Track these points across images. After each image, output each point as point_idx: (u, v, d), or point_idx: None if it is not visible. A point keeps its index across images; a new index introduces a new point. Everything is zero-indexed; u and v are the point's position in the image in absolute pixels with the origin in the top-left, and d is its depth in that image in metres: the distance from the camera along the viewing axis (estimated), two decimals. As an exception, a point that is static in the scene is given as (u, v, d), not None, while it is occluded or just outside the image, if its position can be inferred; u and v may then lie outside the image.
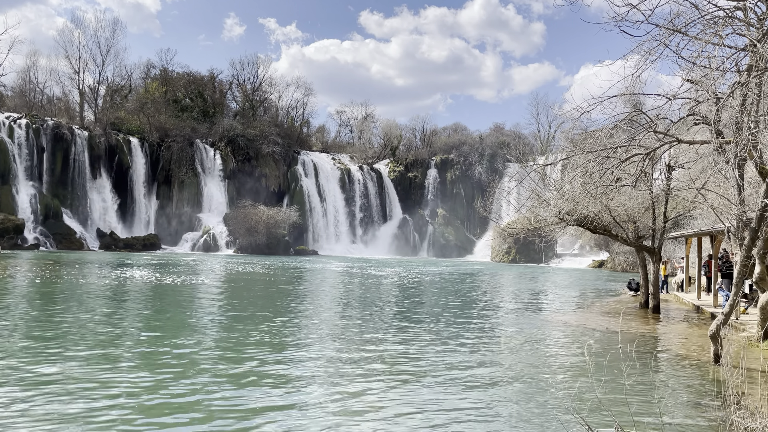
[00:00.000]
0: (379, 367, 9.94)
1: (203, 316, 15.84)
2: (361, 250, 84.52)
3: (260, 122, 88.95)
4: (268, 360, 10.23)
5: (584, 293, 29.23)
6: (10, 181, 62.77)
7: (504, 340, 13.63)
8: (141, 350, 10.75)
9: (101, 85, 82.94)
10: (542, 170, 19.91)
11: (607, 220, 19.65)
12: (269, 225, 71.71)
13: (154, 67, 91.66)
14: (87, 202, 69.43)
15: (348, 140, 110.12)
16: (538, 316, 18.72)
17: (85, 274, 28.88)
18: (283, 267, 42.51)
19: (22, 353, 10.04)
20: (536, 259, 73.28)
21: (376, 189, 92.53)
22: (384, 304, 20.46)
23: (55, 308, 16.13)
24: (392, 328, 14.32)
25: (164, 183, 76.36)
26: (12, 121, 66.53)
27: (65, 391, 7.80)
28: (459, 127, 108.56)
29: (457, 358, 10.86)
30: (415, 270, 44.80)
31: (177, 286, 23.94)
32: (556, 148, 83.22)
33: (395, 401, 7.89)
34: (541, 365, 10.69)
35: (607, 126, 13.17)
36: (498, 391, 8.62)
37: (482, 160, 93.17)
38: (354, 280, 31.39)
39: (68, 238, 62.41)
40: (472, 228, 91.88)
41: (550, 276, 45.70)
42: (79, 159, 69.78)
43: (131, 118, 78.68)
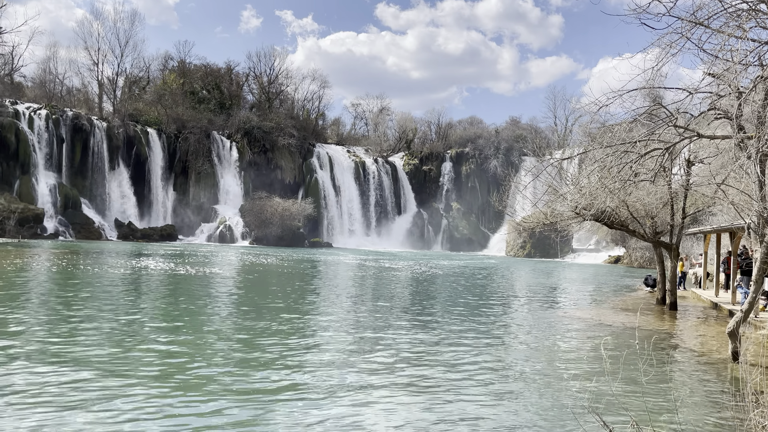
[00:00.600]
0: (392, 361, 9.96)
1: (219, 306, 15.98)
2: (375, 243, 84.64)
3: (276, 114, 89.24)
4: (282, 351, 10.29)
5: (600, 289, 29.02)
6: (30, 171, 63.66)
7: (519, 335, 13.59)
8: (157, 337, 10.88)
9: (120, 76, 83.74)
10: (559, 164, 19.74)
11: (625, 215, 19.46)
12: (284, 217, 72.07)
13: (171, 58, 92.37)
14: (105, 192, 70.25)
15: (363, 133, 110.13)
16: (554, 311, 18.63)
17: (105, 263, 29.26)
18: (297, 259, 42.72)
19: (45, 339, 10.21)
20: (551, 254, 72.86)
21: (391, 182, 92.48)
22: (397, 297, 20.49)
23: (75, 296, 16.37)
24: (405, 323, 14.34)
25: (181, 174, 77.02)
26: (32, 111, 67.40)
27: (81, 379, 7.92)
28: (475, 120, 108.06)
29: (472, 353, 10.85)
30: (429, 263, 44.77)
31: (194, 277, 24.17)
32: (574, 142, 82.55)
33: (408, 396, 7.91)
34: (556, 361, 10.64)
35: (627, 120, 13.02)
36: (512, 386, 8.60)
37: (498, 153, 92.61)
38: (368, 273, 31.45)
39: (87, 227, 63.23)
40: (487, 222, 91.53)
41: (566, 271, 45.43)
42: (98, 150, 70.57)
43: (149, 110, 79.34)
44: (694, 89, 11.93)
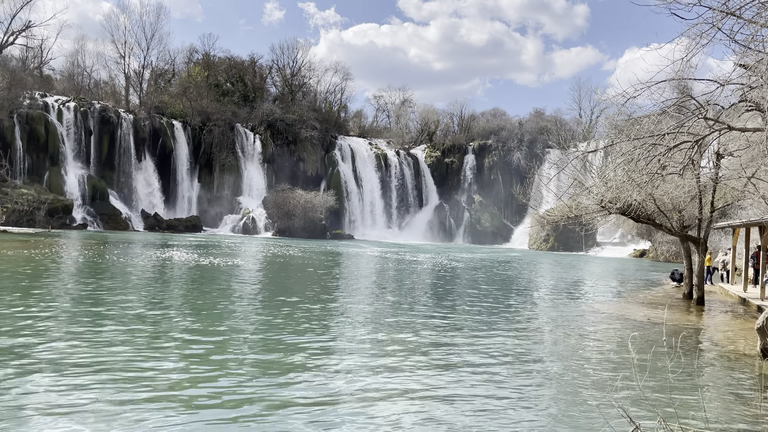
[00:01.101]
0: (414, 354, 10.01)
1: (242, 295, 16.19)
2: (397, 236, 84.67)
3: (299, 107, 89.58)
4: (304, 342, 10.40)
5: (625, 283, 28.70)
6: (59, 162, 64.97)
7: (542, 329, 13.54)
8: (183, 326, 11.07)
9: (146, 69, 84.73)
10: (584, 157, 19.52)
11: (652, 209, 19.18)
12: (306, 209, 72.49)
13: (196, 51, 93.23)
14: (132, 183, 71.41)
15: (385, 125, 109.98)
16: (577, 305, 18.49)
17: (133, 253, 29.79)
18: (319, 251, 42.98)
19: (73, 326, 10.47)
20: (575, 248, 72.14)
21: (413, 174, 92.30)
22: (419, 290, 20.53)
23: (105, 285, 16.72)
24: (427, 316, 14.37)
25: (206, 166, 77.90)
26: (61, 104, 68.69)
27: (104, 368, 8.12)
28: (498, 112, 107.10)
29: (494, 347, 10.85)
30: (450, 256, 44.70)
31: (219, 267, 24.50)
32: (599, 134, 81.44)
33: (430, 389, 7.95)
34: (581, 356, 10.59)
35: (655, 112, 12.82)
36: (537, 381, 8.59)
37: (521, 146, 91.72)
38: (389, 265, 31.53)
39: (114, 218, 64.38)
40: (510, 215, 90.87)
41: (590, 265, 44.98)
42: (125, 142, 71.70)
43: (174, 102, 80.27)
44: (724, 80, 11.69)
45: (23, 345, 9.03)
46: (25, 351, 8.69)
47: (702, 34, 10.79)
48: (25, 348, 8.86)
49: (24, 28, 52.95)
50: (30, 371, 7.68)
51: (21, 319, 11.02)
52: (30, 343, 9.20)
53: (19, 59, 75.73)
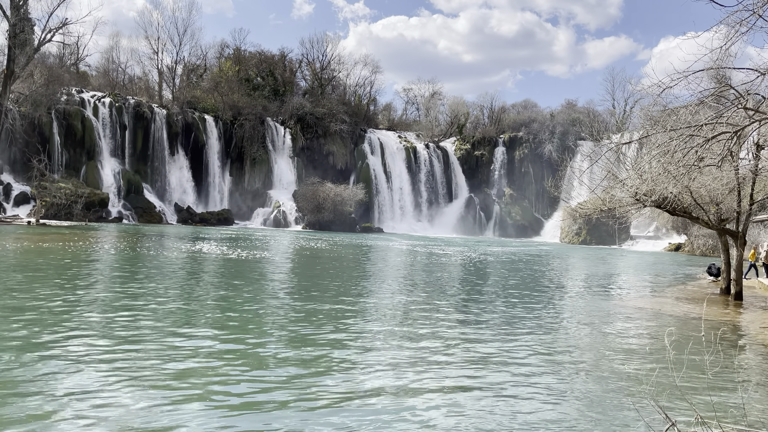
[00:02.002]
0: (444, 348, 9.98)
1: (274, 289, 16.36)
2: (426, 229, 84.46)
3: (328, 100, 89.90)
4: (335, 336, 10.47)
5: (660, 278, 28.12)
6: (95, 157, 66.55)
7: (576, 324, 13.36)
8: (215, 318, 11.25)
9: (178, 64, 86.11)
10: (618, 149, 19.14)
11: (688, 201, 18.71)
12: (336, 202, 72.82)
13: (227, 46, 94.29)
14: (165, 177, 72.74)
15: (414, 118, 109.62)
16: (612, 300, 18.20)
17: (166, 246, 30.38)
18: (349, 244, 43.16)
19: (113, 312, 10.73)
20: (608, 241, 70.95)
21: (442, 167, 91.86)
22: (449, 284, 20.45)
23: (138, 277, 17.10)
24: (457, 310, 14.32)
25: (237, 160, 78.87)
26: (97, 99, 70.28)
27: (137, 357, 8.30)
28: (529, 103, 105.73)
29: (526, 342, 10.75)
30: (480, 250, 44.41)
31: (250, 260, 24.81)
32: (633, 125, 79.75)
33: (462, 384, 7.92)
34: (615, 351, 10.43)
35: (692, 102, 12.48)
36: (570, 376, 8.49)
37: (553, 138, 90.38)
38: (419, 259, 31.49)
39: (148, 211, 65.72)
40: (541, 208, 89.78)
41: (624, 259, 44.19)
42: (158, 136, 73.04)
43: (206, 97, 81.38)
44: (765, 69, 11.32)
45: (56, 337, 9.29)
46: (59, 342, 8.94)
47: (742, 21, 10.46)
48: (59, 339, 9.12)
49: (61, 26, 54.11)
50: (63, 362, 7.90)
51: (57, 311, 11.34)
52: (63, 334, 9.46)
53: (56, 56, 77.66)
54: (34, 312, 10.94)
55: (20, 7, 51.67)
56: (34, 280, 15.30)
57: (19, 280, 15.24)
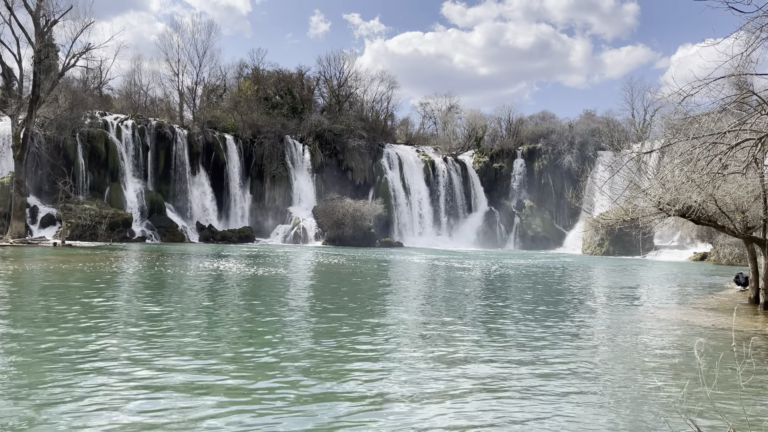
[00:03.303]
0: (464, 361, 9.91)
1: (297, 305, 16.42)
2: (446, 242, 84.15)
3: (346, 117, 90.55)
4: (356, 353, 10.46)
5: (686, 288, 27.63)
6: (118, 178, 67.70)
7: (600, 335, 13.18)
8: (237, 331, 11.33)
9: (198, 85, 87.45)
10: (640, 158, 18.95)
11: (713, 210, 18.42)
12: (355, 217, 72.97)
13: (246, 66, 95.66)
14: (187, 196, 73.66)
15: (432, 132, 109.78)
16: (637, 311, 17.92)
17: (189, 264, 30.70)
18: (369, 259, 43.18)
19: (132, 334, 10.87)
20: (631, 252, 69.97)
21: (461, 180, 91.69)
22: (471, 298, 20.34)
23: (163, 293, 17.30)
24: (480, 324, 14.22)
25: (257, 178, 79.64)
26: (120, 122, 71.66)
27: (161, 375, 8.37)
28: (547, 115, 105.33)
29: (551, 354, 10.63)
30: (501, 262, 44.11)
31: (272, 276, 24.94)
32: (654, 134, 78.91)
33: (485, 399, 7.86)
34: (642, 362, 10.26)
35: (714, 109, 12.37)
36: (597, 389, 8.37)
37: (572, 148, 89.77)
38: (439, 273, 31.37)
39: (171, 230, 66.50)
40: (562, 219, 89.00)
41: (648, 269, 43.53)
42: (180, 156, 74.13)
43: (226, 117, 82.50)
44: (789, 74, 11.20)
45: (82, 353, 9.43)
46: (86, 359, 9.07)
47: (762, 27, 10.39)
48: (85, 356, 9.25)
49: (84, 51, 55.48)
50: (90, 377, 8.01)
51: (83, 329, 11.51)
52: (90, 348, 9.59)
53: (80, 80, 79.49)
54: (60, 329, 11.12)
55: (45, 34, 53.11)
56: (61, 299, 15.56)
57: (46, 299, 15.51)
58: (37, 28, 51.79)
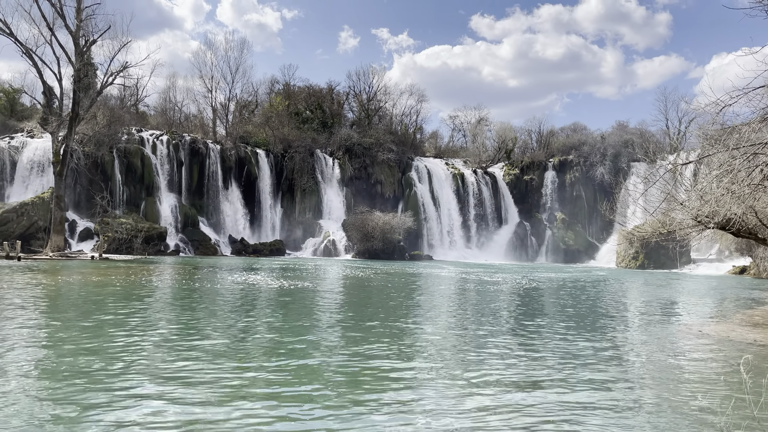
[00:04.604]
0: (496, 380, 9.78)
1: (326, 318, 16.46)
2: (476, 255, 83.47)
3: (375, 130, 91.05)
4: (382, 365, 10.42)
5: (726, 302, 26.85)
6: (154, 193, 69.20)
7: (638, 352, 12.88)
8: (265, 345, 11.40)
9: (231, 101, 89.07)
10: (678, 169, 18.57)
11: (753, 222, 17.91)
12: (385, 230, 73.00)
13: (277, 82, 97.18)
14: (220, 210, 74.86)
15: (461, 145, 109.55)
16: (674, 326, 17.47)
17: (222, 277, 31.10)
18: (398, 272, 43.10)
19: (165, 345, 11.04)
20: (667, 265, 68.30)
21: (491, 193, 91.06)
22: (501, 312, 20.11)
23: (198, 304, 17.54)
24: (513, 340, 14.03)
25: (288, 192, 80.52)
26: (155, 138, 73.41)
27: (189, 384, 8.46)
28: (578, 126, 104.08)
29: (587, 371, 10.42)
30: (533, 276, 43.55)
31: (304, 289, 25.09)
32: (689, 145, 77.31)
33: (519, 418, 7.73)
34: (683, 380, 9.98)
35: (754, 119, 12.08)
36: (637, 405, 8.17)
37: (604, 160, 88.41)
38: (469, 286, 31.12)
39: (204, 244, 67.55)
40: (595, 232, 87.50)
41: (684, 283, 42.44)
42: (213, 171, 75.48)
43: (258, 132, 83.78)
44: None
45: (117, 366, 9.60)
46: (120, 372, 9.24)
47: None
48: (120, 369, 9.42)
49: (122, 69, 57.09)
50: (120, 392, 8.15)
51: (120, 339, 11.73)
52: (126, 359, 9.77)
53: (117, 98, 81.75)
54: (97, 339, 11.36)
55: (84, 54, 54.88)
56: (98, 310, 15.91)
57: (84, 311, 15.88)
58: (77, 47, 53.54)
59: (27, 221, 55.70)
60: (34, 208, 56.60)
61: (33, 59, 52.36)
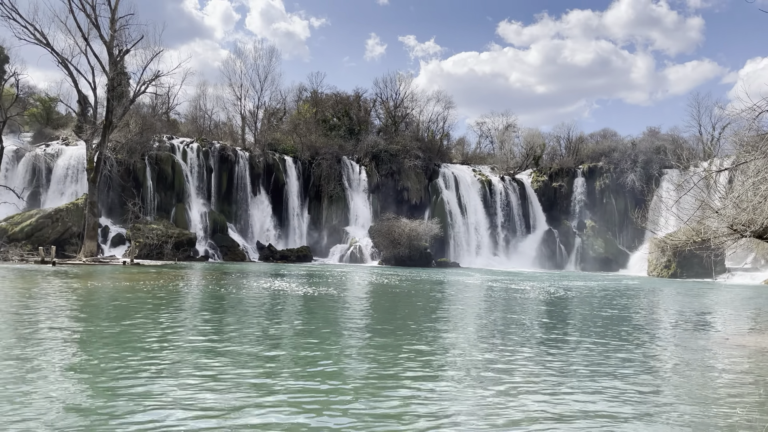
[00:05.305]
0: (526, 392, 9.63)
1: (351, 324, 16.45)
2: (504, 263, 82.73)
3: (402, 137, 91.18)
4: (408, 375, 10.34)
5: (761, 313, 26.06)
6: (184, 199, 70.35)
7: (673, 364, 12.56)
8: (293, 352, 11.43)
9: (260, 109, 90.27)
10: (711, 176, 18.12)
11: (792, 230, 17.34)
12: (411, 237, 72.89)
13: (305, 89, 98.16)
14: (248, 217, 75.74)
15: (488, 151, 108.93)
16: (709, 337, 17.01)
17: (250, 283, 31.39)
18: (425, 279, 42.94)
19: (195, 348, 11.15)
20: (701, 274, 66.68)
21: (519, 200, 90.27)
22: (529, 321, 19.85)
23: (227, 310, 17.71)
24: (538, 350, 13.82)
25: (315, 198, 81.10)
26: (186, 145, 74.69)
27: (219, 389, 8.50)
28: (608, 132, 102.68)
29: (619, 384, 10.19)
30: (562, 284, 42.94)
31: (331, 296, 25.15)
32: (724, 151, 75.54)
33: (548, 424, 7.59)
34: (720, 393, 9.69)
35: (794, 126, 11.71)
36: (671, 420, 7.95)
37: (635, 167, 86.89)
38: (497, 295, 30.82)
39: (233, 250, 68.35)
40: (626, 240, 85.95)
41: (719, 293, 41.36)
42: (242, 177, 76.47)
43: (286, 139, 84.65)
44: None
45: (147, 371, 9.71)
46: (149, 377, 9.34)
47: None
48: (151, 374, 9.52)
49: (154, 78, 58.33)
50: (148, 398, 8.23)
51: (151, 342, 11.89)
52: (153, 365, 9.88)
53: (149, 106, 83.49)
54: (129, 343, 11.53)
55: (118, 63, 56.21)
56: (130, 314, 16.17)
57: (116, 315, 16.16)
58: (111, 57, 54.86)
59: (62, 227, 57.12)
60: (69, 214, 58.02)
61: (69, 69, 53.86)
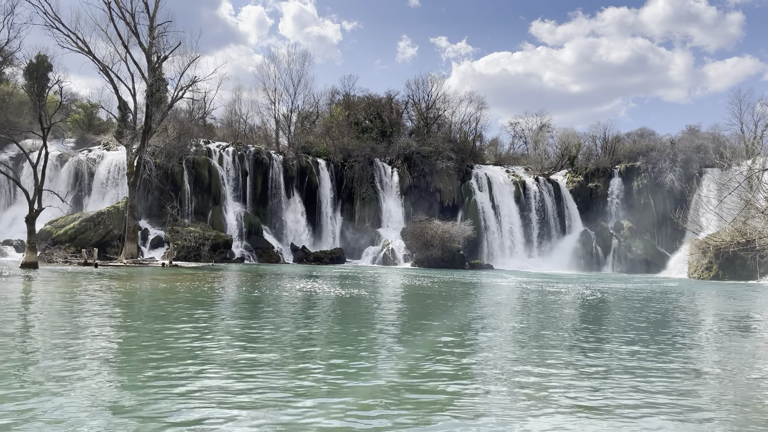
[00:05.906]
0: (561, 401, 9.52)
1: (383, 326, 16.50)
2: (538, 265, 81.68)
3: (434, 139, 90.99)
4: (439, 380, 10.33)
5: (811, 316, 25.12)
6: (220, 202, 71.61)
7: (716, 370, 12.25)
8: (327, 352, 11.54)
9: (293, 112, 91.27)
10: (754, 175, 17.60)
11: (843, 231, 16.74)
12: (444, 239, 72.61)
13: (337, 93, 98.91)
14: (282, 219, 76.65)
15: (522, 152, 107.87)
16: (753, 341, 16.51)
17: (286, 284, 31.78)
18: (458, 281, 42.75)
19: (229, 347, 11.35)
20: (744, 276, 64.62)
21: (553, 201, 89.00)
22: (565, 325, 19.59)
23: (263, 310, 17.98)
24: (575, 355, 13.64)
25: (347, 200, 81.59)
26: (222, 149, 76.04)
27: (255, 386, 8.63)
28: (645, 131, 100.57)
29: (660, 389, 10.00)
30: (599, 286, 42.21)
31: (365, 297, 25.29)
32: (766, 149, 73.16)
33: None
34: (760, 398, 9.42)
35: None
36: (711, 426, 7.77)
37: (674, 166, 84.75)
38: (531, 297, 30.48)
39: (267, 252, 69.25)
40: (665, 241, 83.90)
41: (764, 296, 40.06)
42: (276, 180, 77.47)
43: (319, 142, 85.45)
44: None
45: (183, 371, 9.93)
46: (185, 376, 9.55)
47: None
48: (187, 374, 9.74)
49: (190, 83, 59.63)
50: (185, 397, 8.42)
51: (188, 343, 12.15)
52: (191, 367, 10.10)
53: (186, 111, 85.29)
54: (165, 343, 11.82)
55: (156, 69, 57.60)
56: (169, 315, 16.56)
57: (156, 315, 16.56)
58: (150, 64, 56.27)
59: (103, 230, 58.80)
60: (110, 217, 59.69)
61: (109, 76, 55.47)
